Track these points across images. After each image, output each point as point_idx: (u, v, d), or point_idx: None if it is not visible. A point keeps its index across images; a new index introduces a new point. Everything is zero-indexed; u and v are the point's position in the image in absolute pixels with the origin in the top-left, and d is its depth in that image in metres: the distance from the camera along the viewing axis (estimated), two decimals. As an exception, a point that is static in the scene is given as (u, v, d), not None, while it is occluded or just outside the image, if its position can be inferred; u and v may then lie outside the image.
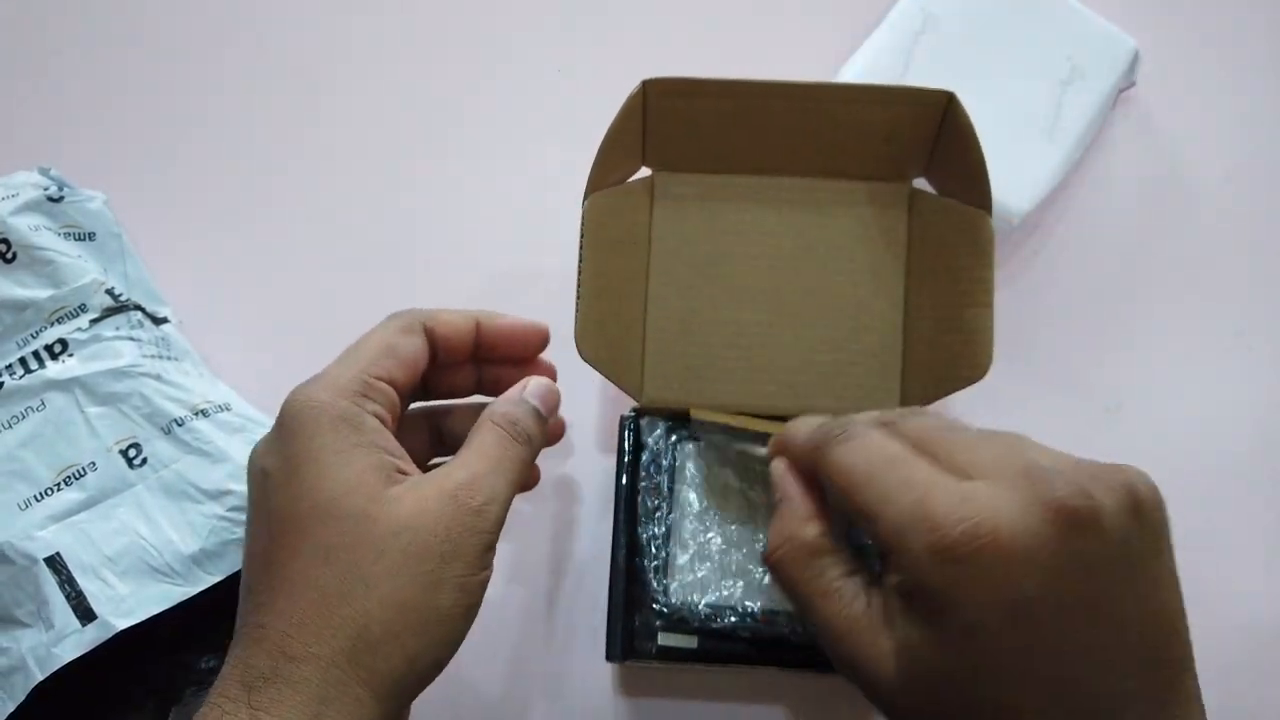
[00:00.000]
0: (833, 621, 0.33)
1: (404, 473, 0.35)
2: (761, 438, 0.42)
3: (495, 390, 0.41)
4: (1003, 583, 0.29)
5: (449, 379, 0.42)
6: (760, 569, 0.44)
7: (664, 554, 0.44)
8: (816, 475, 0.36)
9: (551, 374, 0.43)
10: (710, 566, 0.45)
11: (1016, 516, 0.29)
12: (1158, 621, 0.30)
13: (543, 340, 0.42)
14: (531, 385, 0.39)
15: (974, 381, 0.43)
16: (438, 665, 0.33)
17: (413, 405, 0.42)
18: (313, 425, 0.34)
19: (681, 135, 0.46)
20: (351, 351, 0.37)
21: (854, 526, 0.35)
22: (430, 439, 0.43)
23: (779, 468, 0.38)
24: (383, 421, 0.36)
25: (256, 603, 0.33)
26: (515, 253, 0.54)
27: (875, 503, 0.32)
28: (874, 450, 0.33)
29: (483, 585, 0.34)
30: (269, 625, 0.32)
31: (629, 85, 0.43)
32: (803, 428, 0.37)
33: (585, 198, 0.44)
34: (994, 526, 0.29)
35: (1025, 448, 0.32)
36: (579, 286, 0.43)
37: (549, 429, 0.40)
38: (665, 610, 0.44)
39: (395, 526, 0.32)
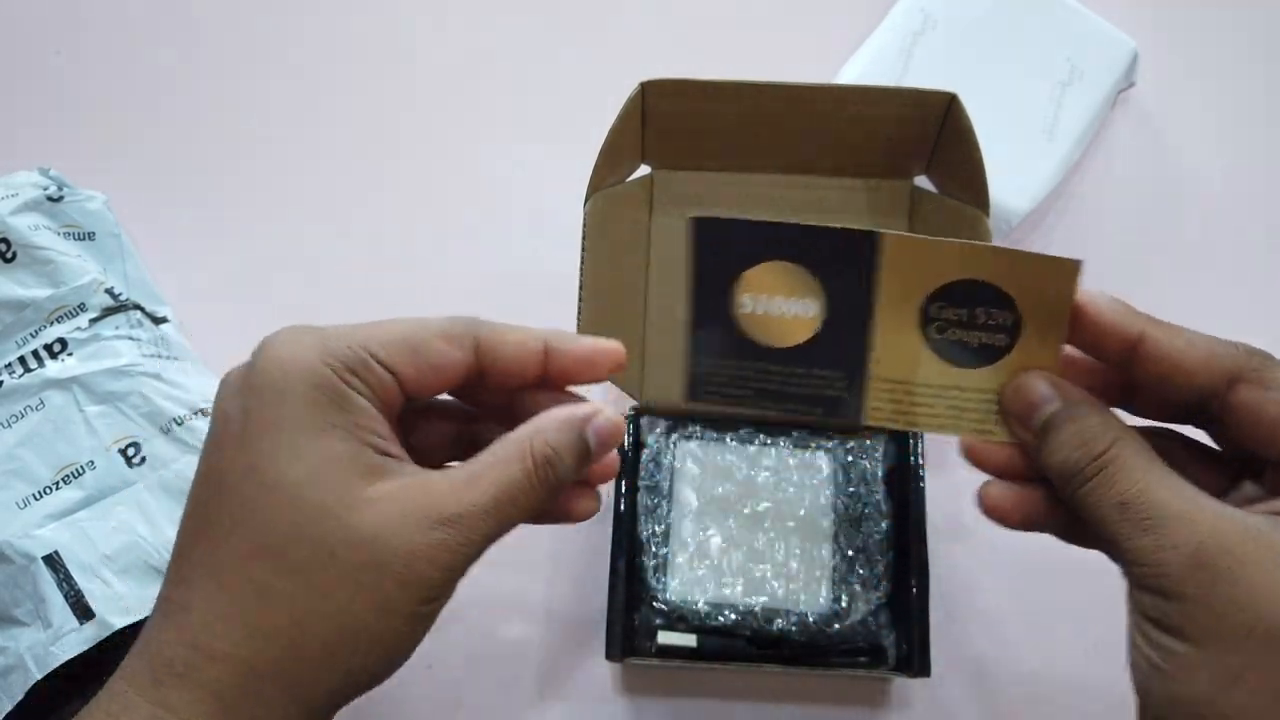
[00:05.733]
0: (1225, 535, 0.27)
1: (387, 469, 0.29)
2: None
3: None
4: None
5: (491, 400, 0.34)
6: (763, 566, 0.44)
7: (663, 552, 0.44)
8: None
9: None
10: (710, 565, 0.45)
11: None
12: None
13: (616, 364, 0.33)
14: (601, 419, 0.31)
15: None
16: (377, 679, 0.30)
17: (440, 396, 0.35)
18: (283, 384, 0.29)
19: (681, 136, 0.46)
20: (373, 324, 0.31)
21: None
22: (452, 440, 0.35)
23: (1047, 379, 0.32)
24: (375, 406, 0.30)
25: (182, 575, 0.29)
26: (515, 252, 0.54)
27: None
28: None
29: (441, 607, 0.30)
30: (192, 607, 0.28)
31: (629, 85, 0.43)
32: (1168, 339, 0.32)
33: (586, 199, 0.44)
34: None
35: None
36: (580, 287, 0.43)
37: (594, 471, 0.33)
38: (665, 608, 0.44)
39: (355, 537, 0.28)
